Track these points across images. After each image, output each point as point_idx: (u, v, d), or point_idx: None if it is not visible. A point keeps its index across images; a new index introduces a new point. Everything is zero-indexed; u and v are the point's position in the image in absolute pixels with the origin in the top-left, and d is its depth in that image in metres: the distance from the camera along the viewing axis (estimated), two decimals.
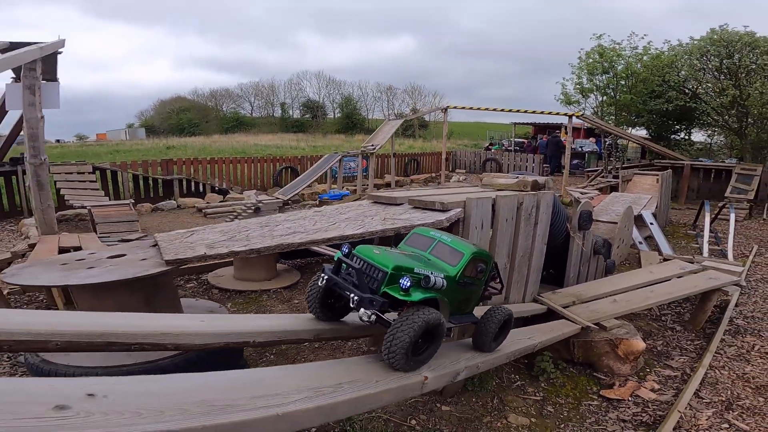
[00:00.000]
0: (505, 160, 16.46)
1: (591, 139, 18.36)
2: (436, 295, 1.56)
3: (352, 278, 1.59)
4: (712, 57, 13.00)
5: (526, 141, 21.90)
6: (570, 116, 10.89)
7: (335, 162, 9.49)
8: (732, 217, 6.84)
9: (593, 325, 2.66)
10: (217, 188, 10.04)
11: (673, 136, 15.79)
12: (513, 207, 2.70)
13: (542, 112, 12.50)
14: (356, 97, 66.86)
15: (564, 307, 2.86)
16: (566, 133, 11.40)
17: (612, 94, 14.35)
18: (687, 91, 14.03)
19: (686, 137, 16.28)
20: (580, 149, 17.98)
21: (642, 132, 16.09)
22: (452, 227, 2.41)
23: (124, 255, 2.16)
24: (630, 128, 15.26)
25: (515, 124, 22.58)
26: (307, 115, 61.59)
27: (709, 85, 13.73)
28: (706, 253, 5.45)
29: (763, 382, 2.61)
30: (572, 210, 3.85)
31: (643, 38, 15.27)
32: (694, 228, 7.33)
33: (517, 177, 3.28)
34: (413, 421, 2.18)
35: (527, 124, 22.86)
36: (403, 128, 48.49)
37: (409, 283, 1.49)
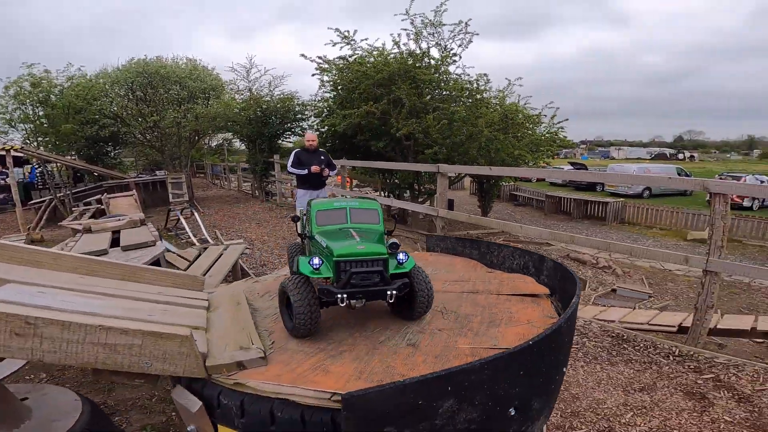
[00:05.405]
0: None
1: (27, 167, 16.43)
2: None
3: (370, 280, 1.50)
4: (137, 87, 14.71)
5: None
6: (8, 150, 9.91)
7: None
8: (196, 214, 9.62)
9: None
10: None
11: (106, 158, 17.25)
12: None
13: None
14: None
15: None
16: (8, 166, 10.21)
17: (49, 123, 13.94)
18: (117, 117, 15.32)
19: (117, 157, 18.32)
20: (3, 181, 15.58)
21: (73, 156, 16.43)
22: None
23: None
24: (66, 154, 15.32)
25: None
26: None
27: (134, 111, 15.48)
28: (211, 241, 7.63)
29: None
30: None
31: (80, 69, 15.33)
32: (170, 230, 9.51)
33: None
34: None
35: None
36: None
37: (404, 255, 1.58)
